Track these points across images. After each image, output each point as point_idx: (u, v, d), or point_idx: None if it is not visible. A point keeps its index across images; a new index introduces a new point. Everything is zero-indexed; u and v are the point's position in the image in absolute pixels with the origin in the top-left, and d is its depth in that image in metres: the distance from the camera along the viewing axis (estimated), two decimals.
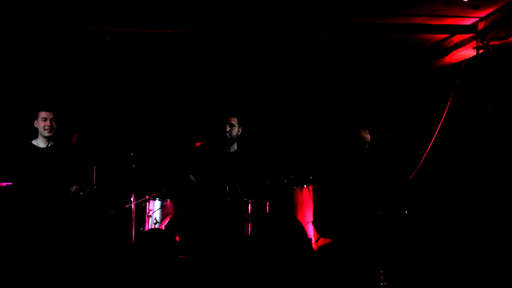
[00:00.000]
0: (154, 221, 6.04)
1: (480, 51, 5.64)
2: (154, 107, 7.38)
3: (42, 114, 4.64)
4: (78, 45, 6.67)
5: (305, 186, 6.19)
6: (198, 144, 6.13)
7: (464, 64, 5.98)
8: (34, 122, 4.75)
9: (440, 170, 6.14)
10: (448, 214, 5.85)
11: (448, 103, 5.79)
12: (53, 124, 4.62)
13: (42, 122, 4.62)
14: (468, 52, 6.14)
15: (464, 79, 6.21)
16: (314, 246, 5.42)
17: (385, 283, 4.37)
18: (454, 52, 6.34)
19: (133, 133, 7.20)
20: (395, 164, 5.20)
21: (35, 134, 4.82)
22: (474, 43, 5.92)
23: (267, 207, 6.09)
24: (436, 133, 5.75)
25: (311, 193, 6.10)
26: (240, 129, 4.67)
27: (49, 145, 4.67)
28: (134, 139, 7.08)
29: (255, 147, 4.81)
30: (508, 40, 5.43)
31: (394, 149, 5.11)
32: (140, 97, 7.35)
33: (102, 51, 6.83)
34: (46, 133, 4.63)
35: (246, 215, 4.80)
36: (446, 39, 6.38)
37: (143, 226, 6.14)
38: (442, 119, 5.76)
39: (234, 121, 4.61)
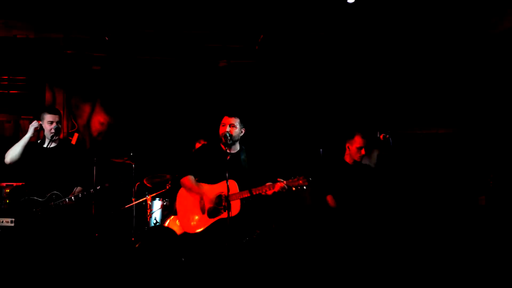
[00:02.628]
0: (154, 221, 6.03)
1: None
2: (155, 107, 7.38)
3: (48, 117, 4.72)
4: (79, 46, 6.70)
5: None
6: (199, 144, 6.12)
7: None
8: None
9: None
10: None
11: None
12: (59, 126, 4.73)
13: (48, 125, 4.72)
14: None
15: None
16: None
17: None
18: None
19: (133, 133, 7.20)
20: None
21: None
22: None
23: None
24: None
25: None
26: (243, 130, 4.59)
27: (52, 145, 4.76)
28: (134, 139, 7.08)
29: (257, 149, 4.73)
30: None
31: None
32: (142, 98, 7.34)
33: (103, 51, 6.86)
34: (53, 136, 4.71)
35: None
36: None
37: (144, 226, 6.13)
38: None
39: (235, 121, 4.52)
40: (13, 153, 4.72)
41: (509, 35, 6.15)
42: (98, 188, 4.58)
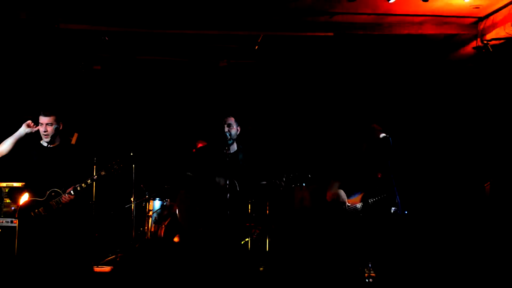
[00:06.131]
0: (154, 221, 6.05)
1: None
2: (154, 108, 7.39)
3: (40, 119, 4.74)
4: (80, 46, 6.69)
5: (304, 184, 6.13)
6: (199, 144, 6.15)
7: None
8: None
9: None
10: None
11: None
12: (49, 129, 4.71)
13: (41, 127, 4.73)
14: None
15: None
16: None
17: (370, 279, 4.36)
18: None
19: (133, 133, 7.21)
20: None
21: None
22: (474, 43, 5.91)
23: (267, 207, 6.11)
24: None
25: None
26: (239, 128, 4.63)
27: (50, 145, 4.76)
28: (134, 139, 7.09)
29: (255, 148, 4.76)
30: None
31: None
32: (141, 99, 7.36)
33: (102, 52, 6.85)
34: (44, 138, 4.73)
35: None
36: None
37: (143, 226, 6.15)
38: None
39: (232, 120, 4.56)
40: (1, 146, 4.72)
41: None
42: (94, 177, 4.60)
